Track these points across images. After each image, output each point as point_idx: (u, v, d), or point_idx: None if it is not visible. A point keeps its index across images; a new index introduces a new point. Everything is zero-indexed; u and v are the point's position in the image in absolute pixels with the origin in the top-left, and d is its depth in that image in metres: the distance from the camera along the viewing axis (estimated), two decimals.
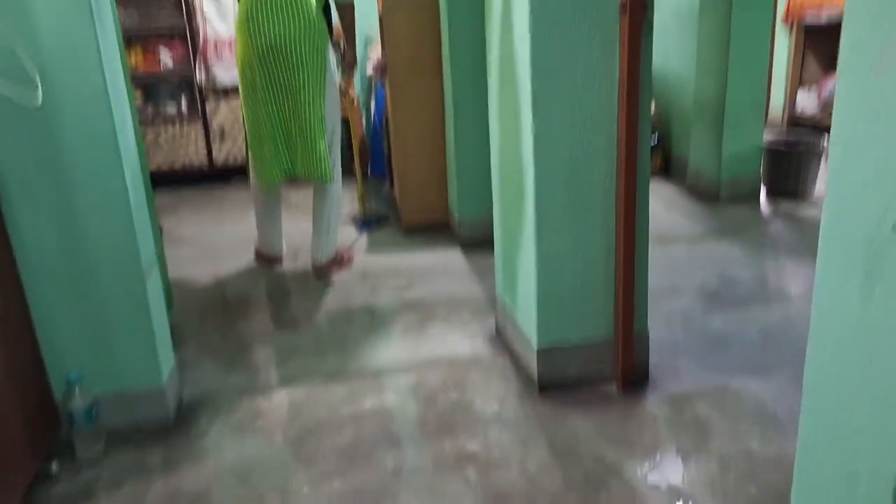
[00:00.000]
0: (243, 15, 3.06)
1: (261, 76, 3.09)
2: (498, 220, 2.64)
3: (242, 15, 3.07)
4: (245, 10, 3.06)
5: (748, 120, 4.19)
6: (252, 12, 3.04)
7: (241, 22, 3.07)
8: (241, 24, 3.08)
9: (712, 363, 2.48)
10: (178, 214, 4.71)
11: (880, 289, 0.95)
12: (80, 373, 2.11)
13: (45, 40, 1.88)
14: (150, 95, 5.23)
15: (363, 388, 2.45)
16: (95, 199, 2.02)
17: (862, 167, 0.95)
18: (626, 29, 2.03)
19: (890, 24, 0.89)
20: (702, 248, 3.56)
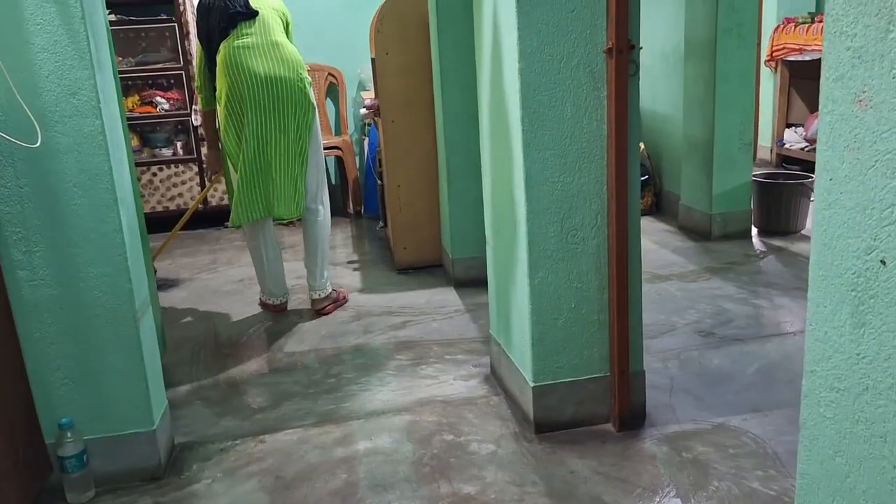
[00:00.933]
0: (226, 58, 3.15)
1: (249, 116, 3.15)
2: (491, 258, 2.64)
3: (224, 58, 3.15)
4: (227, 54, 3.14)
5: (737, 158, 4.24)
6: (233, 58, 3.13)
7: (225, 64, 3.15)
8: (223, 69, 3.16)
9: (710, 401, 2.47)
10: (172, 256, 4.70)
11: (871, 319, 0.95)
12: (71, 417, 2.08)
13: (45, 84, 1.90)
14: (146, 138, 5.27)
15: (357, 430, 2.42)
16: (90, 241, 2.02)
17: (848, 198, 0.96)
18: (613, 70, 2.07)
19: (871, 56, 0.90)
20: (695, 286, 3.57)
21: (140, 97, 5.17)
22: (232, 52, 3.15)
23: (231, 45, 3.16)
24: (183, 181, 5.27)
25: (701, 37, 4.21)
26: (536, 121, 2.12)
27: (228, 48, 3.16)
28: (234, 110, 3.17)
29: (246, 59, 3.14)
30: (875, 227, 0.93)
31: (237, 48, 3.15)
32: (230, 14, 3.18)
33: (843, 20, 0.94)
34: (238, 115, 3.18)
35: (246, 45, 3.16)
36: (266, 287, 3.53)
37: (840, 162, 0.98)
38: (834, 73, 0.98)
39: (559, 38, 2.08)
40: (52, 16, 1.85)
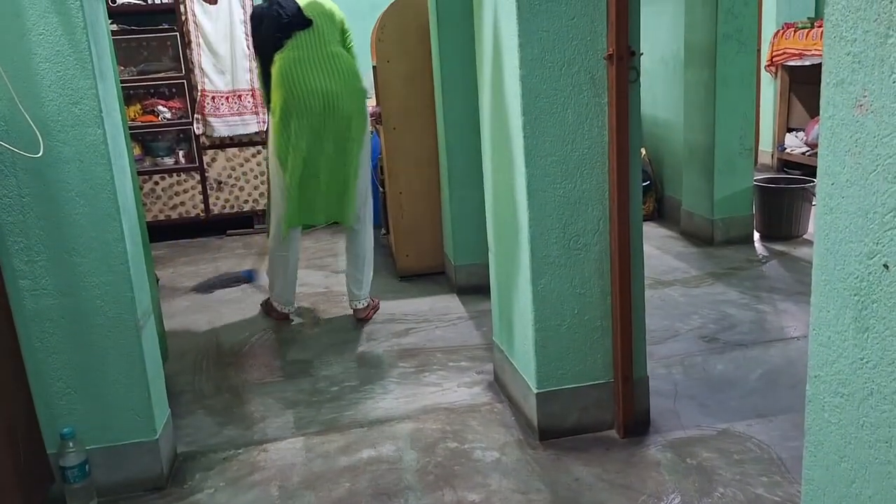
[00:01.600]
0: (281, 70, 3.12)
1: (308, 126, 3.15)
2: (493, 265, 2.64)
3: (280, 71, 3.13)
4: (282, 67, 3.13)
5: (738, 163, 4.25)
6: (288, 71, 3.12)
7: (281, 77, 3.13)
8: (278, 81, 3.14)
9: (714, 407, 2.46)
10: (175, 264, 4.71)
11: (875, 324, 0.94)
12: (73, 427, 2.07)
13: (47, 94, 1.90)
14: (149, 147, 5.28)
15: (360, 438, 2.42)
16: (92, 250, 2.02)
17: (850, 202, 0.96)
18: (614, 77, 2.07)
19: (871, 61, 0.90)
20: (698, 291, 3.56)
21: (142, 106, 5.19)
22: (287, 66, 3.13)
23: (286, 58, 3.14)
24: (185, 190, 5.28)
25: (701, 42, 4.22)
26: (538, 127, 2.12)
27: (284, 61, 3.14)
28: (287, 123, 3.14)
29: (302, 72, 3.12)
30: (877, 231, 0.93)
31: (292, 61, 3.13)
32: (283, 24, 3.15)
33: (843, 25, 0.94)
34: (292, 128, 3.15)
35: (301, 58, 3.14)
36: (279, 293, 3.50)
37: (841, 167, 0.98)
38: (834, 78, 0.98)
39: (560, 45, 2.08)
40: (54, 26, 1.86)
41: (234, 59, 5.13)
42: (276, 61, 3.17)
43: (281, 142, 3.19)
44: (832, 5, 0.96)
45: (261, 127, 5.26)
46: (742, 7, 4.05)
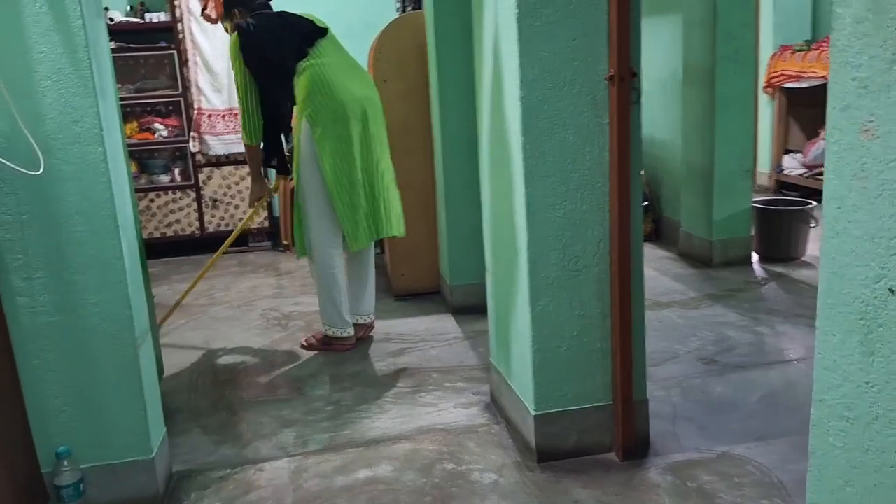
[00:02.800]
0: (318, 78, 3.04)
1: (358, 133, 3.08)
2: (491, 285, 2.64)
3: (317, 79, 3.04)
4: (318, 74, 3.04)
5: (737, 184, 4.26)
6: (326, 78, 3.04)
7: (319, 84, 3.04)
8: (314, 90, 3.04)
9: (714, 429, 2.45)
10: (170, 282, 4.69)
11: (881, 348, 0.94)
12: (68, 445, 2.06)
13: (48, 112, 1.90)
14: (145, 164, 5.28)
15: (357, 458, 2.40)
16: (91, 268, 2.01)
17: (856, 226, 0.96)
18: (615, 97, 2.08)
19: (877, 86, 0.91)
20: (696, 313, 3.56)
21: (139, 124, 5.19)
22: (323, 72, 3.04)
23: (319, 65, 3.05)
24: (181, 207, 5.28)
25: (699, 63, 4.25)
26: (538, 148, 2.12)
27: (318, 68, 3.05)
28: (330, 133, 3.04)
29: (340, 78, 3.06)
30: (883, 255, 0.93)
31: (327, 67, 3.06)
32: (306, 33, 3.11)
33: (849, 51, 0.95)
34: (339, 138, 3.05)
35: (333, 64, 3.08)
36: (339, 316, 3.29)
37: (847, 191, 0.98)
38: (840, 103, 0.98)
39: (561, 65, 2.09)
40: (56, 44, 1.86)
41: (230, 77, 5.12)
42: (303, 70, 3.06)
43: (325, 155, 3.04)
44: (838, 31, 0.97)
45: None
46: (740, 29, 4.09)
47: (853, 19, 0.93)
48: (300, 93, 3.09)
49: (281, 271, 4.85)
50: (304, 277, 4.60)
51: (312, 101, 3.04)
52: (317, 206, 3.16)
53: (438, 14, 3.55)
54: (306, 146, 3.10)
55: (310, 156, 3.10)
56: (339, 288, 3.26)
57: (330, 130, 3.04)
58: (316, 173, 3.10)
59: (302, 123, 3.09)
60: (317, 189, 3.13)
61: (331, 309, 3.28)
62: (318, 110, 3.04)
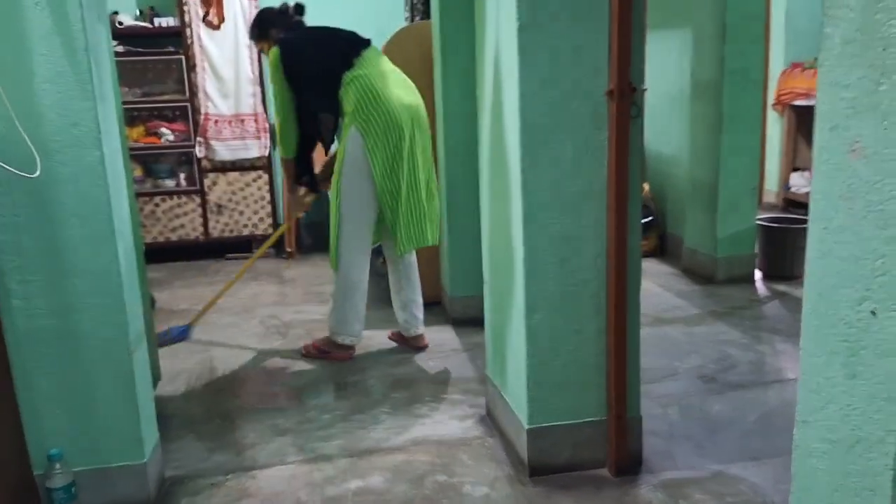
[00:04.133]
0: (367, 88, 3.03)
1: (408, 141, 3.08)
2: (488, 297, 2.63)
3: (366, 88, 3.03)
4: (367, 84, 3.03)
5: (742, 201, 4.23)
6: (375, 84, 3.03)
7: (369, 94, 3.02)
8: (368, 96, 3.02)
9: (709, 448, 2.43)
10: (172, 287, 4.70)
11: (863, 371, 0.93)
12: (60, 448, 2.06)
13: (46, 114, 1.91)
14: (151, 169, 5.30)
15: (348, 468, 2.39)
16: (87, 271, 2.01)
17: (842, 248, 0.95)
18: (615, 113, 2.07)
19: (865, 107, 0.90)
20: (698, 330, 3.54)
21: (145, 128, 5.22)
22: (372, 82, 3.04)
23: (367, 75, 3.05)
24: (185, 212, 5.29)
25: (707, 79, 4.24)
26: (536, 160, 2.12)
27: (366, 79, 3.04)
28: (381, 142, 3.02)
29: (390, 88, 3.06)
30: (868, 277, 0.92)
31: (374, 77, 3.05)
32: (352, 42, 3.13)
33: (837, 70, 0.94)
34: (391, 147, 3.04)
35: (381, 74, 3.08)
36: (354, 325, 3.28)
37: (834, 211, 0.97)
38: (828, 123, 0.97)
39: (561, 79, 2.08)
40: (56, 47, 1.87)
41: (238, 83, 5.17)
42: (350, 80, 3.04)
43: (376, 164, 3.04)
44: (827, 51, 0.96)
45: (262, 152, 5.28)
46: (749, 45, 4.07)
47: (842, 39, 0.92)
48: (348, 104, 3.07)
49: (284, 279, 4.85)
50: (307, 285, 4.61)
51: (363, 111, 3.03)
52: (354, 216, 3.14)
53: (444, 24, 3.56)
54: (356, 155, 3.07)
55: (359, 165, 3.07)
56: (363, 294, 3.25)
57: (381, 139, 3.03)
58: (363, 183, 3.08)
59: (351, 133, 3.06)
60: (359, 198, 3.12)
61: (348, 314, 3.25)
62: (368, 120, 3.03)
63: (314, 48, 3.14)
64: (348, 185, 3.12)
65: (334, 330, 3.30)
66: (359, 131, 3.04)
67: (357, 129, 3.04)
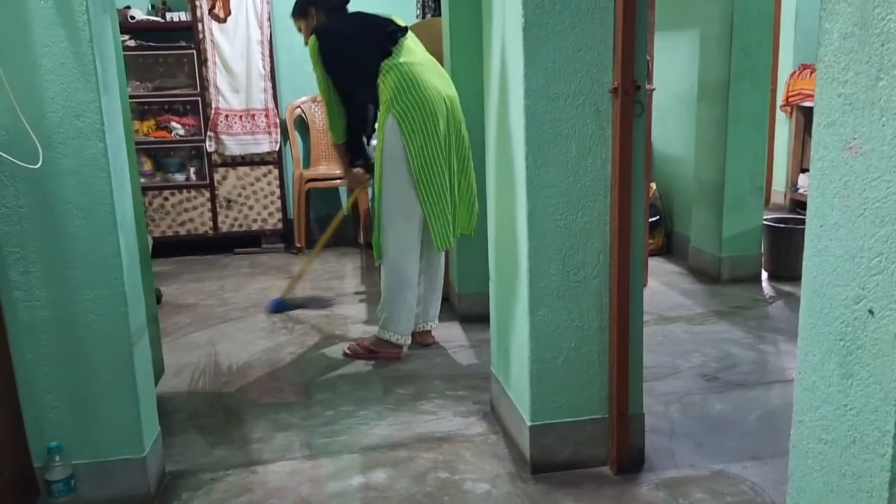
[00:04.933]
0: (406, 76, 3.00)
1: (444, 131, 3.05)
2: (493, 294, 2.62)
3: (405, 77, 3.00)
4: (406, 73, 3.00)
5: (748, 202, 4.22)
6: (414, 77, 3.00)
7: (408, 83, 2.99)
8: (407, 85, 2.99)
9: (710, 447, 2.42)
10: (179, 281, 4.72)
11: (859, 371, 0.92)
12: (60, 441, 2.06)
13: (50, 106, 1.92)
14: (161, 163, 5.32)
15: (351, 464, 2.39)
16: (88, 263, 2.02)
17: (838, 245, 0.94)
18: (619, 110, 2.06)
19: (862, 103, 0.89)
20: (701, 328, 3.52)
21: (156, 122, 5.24)
22: (411, 71, 3.01)
23: (406, 64, 3.02)
24: (194, 206, 5.31)
25: (714, 80, 4.22)
26: (540, 158, 2.11)
27: (405, 67, 3.01)
28: (419, 131, 2.99)
29: (428, 77, 3.03)
30: (864, 276, 0.91)
31: (413, 66, 3.03)
32: (389, 32, 3.09)
33: (835, 67, 0.93)
34: (429, 137, 3.00)
35: (420, 63, 3.05)
36: (405, 324, 3.21)
37: (830, 209, 0.96)
38: (825, 120, 0.96)
39: (565, 76, 2.08)
40: (60, 38, 1.88)
41: (249, 78, 5.18)
42: (388, 69, 3.02)
43: (413, 154, 3.00)
44: (825, 46, 0.95)
45: (273, 147, 5.29)
46: (756, 46, 4.05)
47: (840, 34, 0.91)
48: (386, 92, 3.03)
49: (292, 274, 4.86)
50: (315, 280, 4.61)
51: (401, 99, 2.99)
52: (398, 206, 3.09)
53: (454, 21, 3.55)
54: (394, 145, 3.03)
55: (397, 154, 3.04)
56: (414, 292, 3.20)
57: (419, 128, 2.99)
58: (402, 172, 3.04)
59: (388, 122, 3.03)
60: (401, 188, 3.06)
61: (400, 313, 3.18)
62: (406, 109, 2.99)
63: (352, 37, 3.11)
64: (390, 175, 3.07)
65: (386, 328, 3.22)
66: (396, 120, 3.00)
67: (395, 116, 3.00)
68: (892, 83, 0.84)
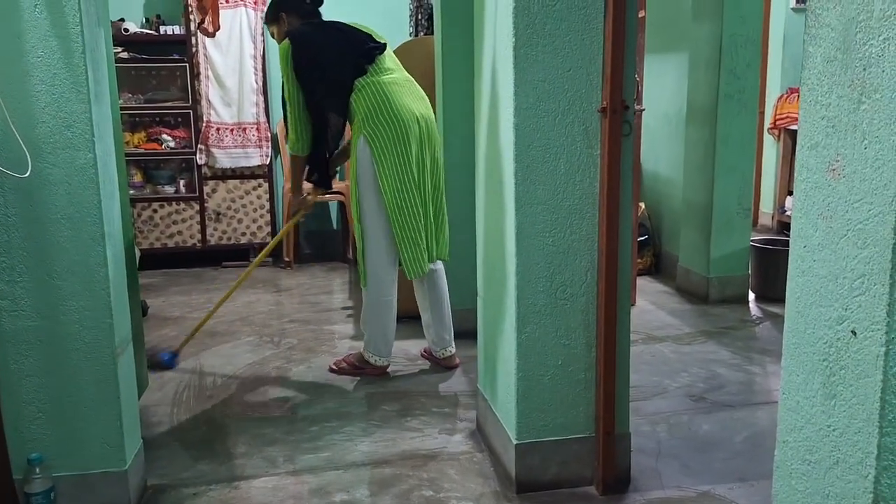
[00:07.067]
0: (379, 96, 2.96)
1: (415, 153, 3.00)
2: (481, 310, 2.62)
3: (377, 97, 2.96)
4: (379, 92, 2.96)
5: (735, 222, 4.25)
6: (387, 96, 2.96)
7: (380, 102, 2.95)
8: (379, 105, 2.95)
9: (697, 468, 2.41)
10: (166, 293, 4.69)
11: (842, 391, 0.92)
12: (41, 453, 2.04)
13: (40, 116, 1.91)
14: (151, 175, 5.31)
15: (334, 481, 2.37)
16: (74, 274, 2.00)
17: (821, 266, 0.95)
18: (607, 130, 2.08)
19: (845, 126, 0.90)
20: (689, 349, 3.53)
21: (147, 134, 5.23)
22: (384, 90, 2.96)
23: (379, 82, 2.98)
24: (183, 219, 5.29)
25: (703, 102, 4.26)
26: (529, 175, 2.12)
27: (378, 86, 2.97)
28: (390, 153, 2.95)
29: (401, 97, 2.97)
30: (846, 296, 0.91)
31: (387, 85, 2.98)
32: (367, 49, 3.01)
33: (818, 90, 0.94)
34: (399, 159, 2.96)
35: (395, 82, 3.00)
36: (383, 345, 3.19)
37: (814, 230, 0.97)
38: (809, 142, 0.97)
39: (555, 95, 2.09)
40: (52, 49, 1.88)
41: (241, 92, 5.18)
42: (361, 87, 2.97)
43: (385, 177, 2.96)
44: (808, 70, 0.96)
45: (263, 160, 5.29)
46: (744, 69, 4.10)
47: (823, 59, 0.92)
48: (358, 111, 2.99)
49: (280, 288, 4.85)
50: (302, 295, 4.60)
51: (371, 119, 2.96)
52: (374, 229, 3.05)
53: (447, 39, 3.58)
54: (365, 167, 2.99)
55: (369, 177, 3.00)
56: (393, 316, 3.17)
57: (389, 150, 2.95)
58: (375, 195, 3.00)
59: (359, 143, 2.99)
60: (375, 210, 3.03)
61: (379, 337, 3.17)
62: (377, 130, 2.95)
63: (327, 49, 3.01)
64: (366, 198, 3.03)
65: (365, 346, 3.22)
66: (367, 141, 2.97)
67: (365, 138, 2.97)
68: (873, 107, 0.85)
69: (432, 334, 3.31)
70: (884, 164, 0.83)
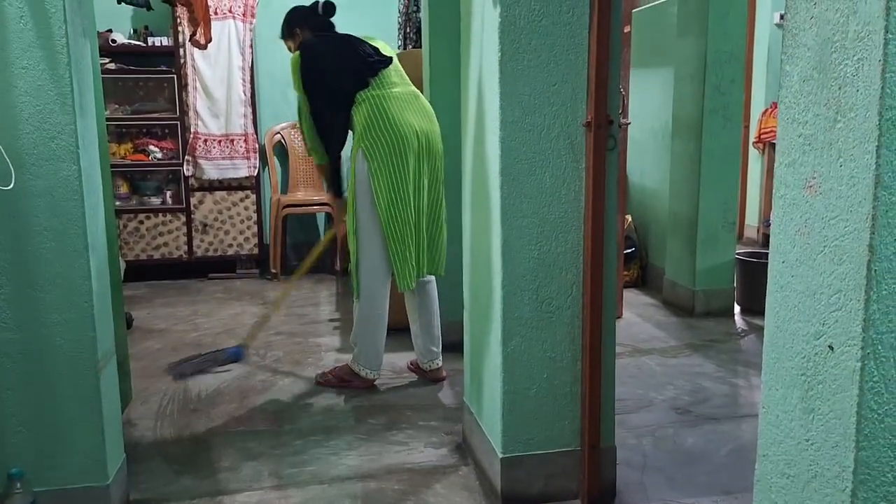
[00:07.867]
0: (378, 110, 2.97)
1: (413, 168, 3.00)
2: (467, 323, 2.62)
3: (376, 110, 2.97)
4: (379, 106, 2.98)
5: (721, 235, 4.28)
6: (386, 111, 2.97)
7: (379, 116, 2.97)
8: (378, 118, 2.97)
9: (682, 481, 2.42)
10: (152, 305, 4.67)
11: (819, 405, 0.93)
12: (21, 467, 2.02)
13: (24, 127, 1.91)
14: (137, 186, 5.29)
15: (318, 495, 2.36)
16: (57, 286, 1.99)
17: (799, 281, 0.96)
18: (592, 144, 2.09)
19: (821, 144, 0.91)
20: (675, 361, 3.54)
21: (133, 145, 5.21)
22: (384, 104, 2.98)
23: (380, 96, 3.00)
24: (170, 230, 5.27)
25: (688, 116, 4.30)
26: (515, 189, 2.13)
27: (378, 99, 2.99)
28: (386, 167, 2.96)
29: (401, 111, 2.98)
30: (823, 312, 0.92)
31: (387, 99, 3.00)
32: (371, 62, 3.03)
33: (795, 108, 0.96)
34: (395, 173, 2.97)
35: (396, 96, 3.01)
36: (373, 358, 3.19)
37: (791, 245, 0.98)
38: (787, 159, 0.99)
39: (540, 109, 2.10)
40: (37, 60, 1.88)
41: (229, 103, 5.18)
42: (362, 101, 3.00)
43: (381, 191, 2.97)
44: (786, 88, 0.98)
45: (251, 172, 5.29)
46: (729, 84, 4.14)
47: (800, 77, 0.94)
48: (358, 124, 3.01)
49: (266, 300, 4.83)
50: (288, 307, 4.58)
51: (370, 133, 2.97)
52: (368, 241, 3.06)
53: (434, 53, 3.60)
54: (362, 180, 3.01)
55: (365, 190, 3.01)
56: (384, 329, 3.17)
57: (386, 165, 2.96)
58: (370, 208, 3.02)
59: (358, 155, 3.01)
60: (370, 223, 3.04)
61: (369, 349, 3.17)
62: (374, 143, 2.96)
63: (333, 60, 3.05)
64: (362, 211, 3.04)
65: (355, 359, 3.22)
66: (364, 155, 2.98)
67: (363, 151, 2.98)
68: (848, 125, 0.87)
69: (420, 346, 3.31)
70: (858, 181, 0.85)
